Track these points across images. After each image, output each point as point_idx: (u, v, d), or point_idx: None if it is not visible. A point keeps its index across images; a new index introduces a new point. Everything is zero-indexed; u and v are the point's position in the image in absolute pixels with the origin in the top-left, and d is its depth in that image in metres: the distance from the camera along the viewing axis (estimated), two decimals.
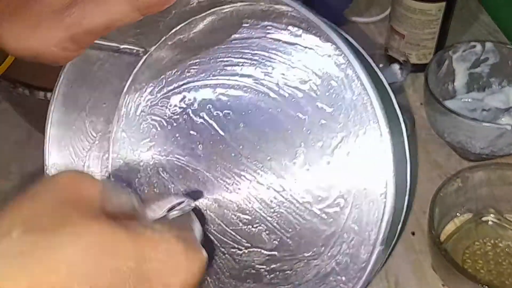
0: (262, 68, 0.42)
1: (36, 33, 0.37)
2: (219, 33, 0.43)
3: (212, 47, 0.44)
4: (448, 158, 0.63)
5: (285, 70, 0.41)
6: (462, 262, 0.53)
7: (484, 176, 0.54)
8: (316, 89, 0.40)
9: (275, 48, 0.41)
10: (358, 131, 0.38)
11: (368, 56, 0.42)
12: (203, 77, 0.44)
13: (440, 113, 0.58)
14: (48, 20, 0.37)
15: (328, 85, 0.39)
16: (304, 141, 0.40)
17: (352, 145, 0.39)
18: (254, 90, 0.42)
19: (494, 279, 0.52)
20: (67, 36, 0.37)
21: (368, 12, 0.83)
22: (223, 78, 0.43)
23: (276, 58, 0.41)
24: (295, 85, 0.41)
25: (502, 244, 0.54)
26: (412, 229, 0.56)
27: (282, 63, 0.41)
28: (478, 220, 0.55)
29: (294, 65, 0.41)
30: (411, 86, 0.71)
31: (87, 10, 0.37)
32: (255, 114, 0.42)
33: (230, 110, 0.43)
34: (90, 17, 0.37)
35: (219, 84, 0.43)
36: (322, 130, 0.40)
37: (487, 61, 0.65)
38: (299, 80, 0.40)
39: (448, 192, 0.53)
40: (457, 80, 0.66)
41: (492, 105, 0.64)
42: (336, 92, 0.39)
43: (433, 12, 0.66)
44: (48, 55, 0.38)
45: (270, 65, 0.41)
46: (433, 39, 0.69)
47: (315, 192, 0.40)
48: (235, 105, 0.43)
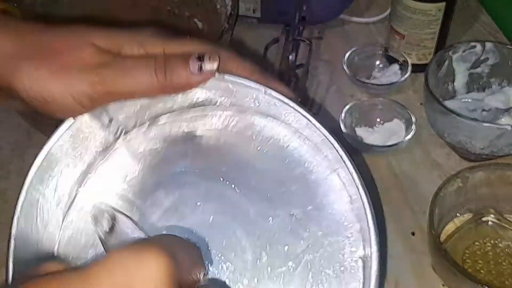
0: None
1: (58, 79, 0.37)
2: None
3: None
4: (448, 158, 0.63)
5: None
6: (462, 262, 0.53)
7: (484, 176, 0.55)
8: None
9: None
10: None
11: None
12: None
13: (440, 113, 0.58)
14: (75, 72, 0.38)
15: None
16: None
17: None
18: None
19: (494, 279, 0.52)
20: (88, 91, 0.38)
21: (368, 12, 0.83)
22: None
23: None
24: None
25: (502, 244, 0.54)
26: (412, 229, 0.56)
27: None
28: (478, 220, 0.55)
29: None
30: (411, 86, 0.71)
31: (115, 74, 0.38)
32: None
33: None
34: (116, 82, 0.38)
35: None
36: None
37: (487, 61, 0.65)
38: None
39: (448, 192, 0.53)
40: (457, 80, 0.66)
41: (492, 105, 0.64)
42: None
43: (433, 12, 0.66)
44: (61, 103, 0.38)
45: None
46: (433, 39, 0.69)
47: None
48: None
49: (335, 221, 0.41)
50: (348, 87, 0.71)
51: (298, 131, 0.42)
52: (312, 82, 0.72)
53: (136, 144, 0.44)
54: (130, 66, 0.38)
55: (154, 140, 0.44)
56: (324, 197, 0.41)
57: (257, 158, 0.43)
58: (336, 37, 0.79)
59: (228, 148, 0.43)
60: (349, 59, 0.71)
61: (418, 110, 0.67)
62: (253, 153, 0.43)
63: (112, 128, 0.43)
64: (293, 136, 0.42)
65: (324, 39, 0.78)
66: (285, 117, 0.42)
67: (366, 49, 0.73)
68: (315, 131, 0.41)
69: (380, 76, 0.72)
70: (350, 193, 0.40)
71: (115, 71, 0.38)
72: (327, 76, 0.73)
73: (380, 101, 0.66)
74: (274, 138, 0.43)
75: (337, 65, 0.74)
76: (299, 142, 0.42)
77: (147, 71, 0.38)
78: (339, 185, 0.41)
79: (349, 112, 0.65)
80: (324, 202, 0.41)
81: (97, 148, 0.43)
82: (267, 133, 0.43)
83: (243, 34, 0.78)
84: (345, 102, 0.67)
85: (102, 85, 0.37)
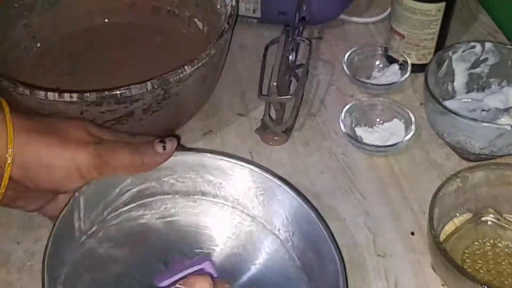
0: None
1: (66, 149, 0.45)
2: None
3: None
4: (447, 158, 0.63)
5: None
6: (462, 262, 0.53)
7: (483, 176, 0.55)
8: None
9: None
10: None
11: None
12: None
13: (440, 113, 0.58)
14: (79, 145, 0.46)
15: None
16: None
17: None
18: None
19: (493, 279, 0.52)
20: (89, 161, 0.45)
21: (368, 13, 0.83)
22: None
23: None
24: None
25: (502, 244, 0.54)
26: (411, 229, 0.56)
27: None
28: (477, 220, 0.55)
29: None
30: (411, 86, 0.71)
31: (107, 151, 0.46)
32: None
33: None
34: (108, 157, 0.46)
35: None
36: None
37: (486, 61, 0.65)
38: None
39: (447, 192, 0.53)
40: (457, 80, 0.66)
41: (492, 105, 0.64)
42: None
43: (433, 12, 0.66)
44: (65, 170, 0.45)
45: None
46: (433, 39, 0.69)
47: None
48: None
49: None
50: (348, 87, 0.71)
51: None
52: (312, 82, 0.72)
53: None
54: (116, 147, 0.47)
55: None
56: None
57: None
58: (336, 37, 0.79)
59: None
60: (349, 59, 0.71)
61: (417, 110, 0.67)
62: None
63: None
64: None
65: (324, 39, 0.78)
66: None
67: (366, 49, 0.73)
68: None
69: (379, 76, 0.72)
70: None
71: (106, 149, 0.46)
72: (327, 76, 0.73)
73: (380, 101, 0.66)
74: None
75: (337, 65, 0.74)
76: None
77: (129, 152, 0.47)
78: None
79: (349, 112, 0.65)
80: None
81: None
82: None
83: (243, 34, 0.79)
84: (345, 102, 0.67)
85: (99, 158, 0.45)
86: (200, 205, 0.54)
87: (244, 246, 0.53)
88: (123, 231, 0.51)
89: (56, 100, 0.52)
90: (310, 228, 0.49)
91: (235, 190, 0.53)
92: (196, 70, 0.56)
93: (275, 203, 0.52)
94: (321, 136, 0.66)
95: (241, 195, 0.53)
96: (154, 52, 0.71)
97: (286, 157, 0.64)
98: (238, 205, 0.53)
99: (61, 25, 0.73)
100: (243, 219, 0.53)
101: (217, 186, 0.53)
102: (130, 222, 0.51)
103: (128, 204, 0.51)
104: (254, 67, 0.73)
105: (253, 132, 0.66)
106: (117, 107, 0.54)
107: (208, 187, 0.53)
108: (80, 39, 0.73)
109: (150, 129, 0.60)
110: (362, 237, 0.56)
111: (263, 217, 0.53)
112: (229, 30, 0.61)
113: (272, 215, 0.52)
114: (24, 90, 0.53)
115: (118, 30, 0.74)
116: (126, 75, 0.66)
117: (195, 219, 0.53)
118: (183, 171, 0.52)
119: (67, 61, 0.70)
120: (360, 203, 0.59)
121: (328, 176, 0.62)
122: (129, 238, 0.51)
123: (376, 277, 0.53)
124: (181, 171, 0.52)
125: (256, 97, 0.63)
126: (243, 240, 0.53)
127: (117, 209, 0.51)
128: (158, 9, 0.75)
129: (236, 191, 0.53)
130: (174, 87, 0.55)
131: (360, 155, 0.63)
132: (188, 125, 0.66)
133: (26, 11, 0.69)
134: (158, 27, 0.74)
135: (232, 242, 0.53)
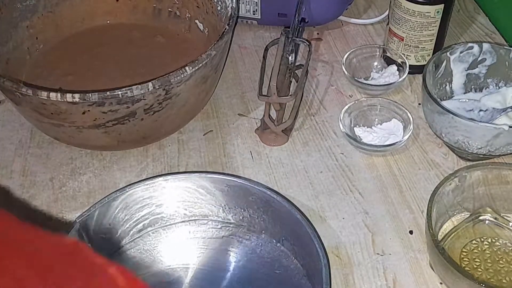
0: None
1: None
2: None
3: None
4: (445, 157, 0.64)
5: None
6: (460, 260, 0.53)
7: (481, 175, 0.55)
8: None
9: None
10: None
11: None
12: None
13: (438, 113, 0.59)
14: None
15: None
16: None
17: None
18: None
19: (491, 277, 0.52)
20: None
21: (367, 14, 0.84)
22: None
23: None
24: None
25: (499, 243, 0.55)
26: (410, 228, 0.57)
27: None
28: (475, 219, 0.56)
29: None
30: (409, 86, 0.72)
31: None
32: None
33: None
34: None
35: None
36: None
37: (484, 62, 0.66)
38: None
39: (445, 192, 0.54)
40: (455, 80, 0.67)
41: (489, 105, 0.65)
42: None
43: (431, 14, 0.67)
44: None
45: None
46: (431, 41, 0.69)
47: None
48: None
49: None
50: (347, 88, 0.72)
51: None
52: (312, 82, 0.73)
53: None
54: None
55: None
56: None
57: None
58: (335, 38, 0.79)
59: None
60: (347, 60, 0.72)
61: (416, 110, 0.68)
62: None
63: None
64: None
65: (323, 40, 0.79)
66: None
67: (365, 50, 0.74)
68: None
69: (378, 76, 0.72)
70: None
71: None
72: (326, 77, 0.74)
73: (379, 102, 0.67)
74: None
75: (336, 65, 0.75)
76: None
77: None
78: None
79: (347, 112, 0.65)
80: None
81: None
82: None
83: (243, 35, 0.79)
84: (344, 102, 0.68)
85: None
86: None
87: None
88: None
89: (58, 100, 0.52)
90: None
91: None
92: (197, 71, 0.56)
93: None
94: (320, 136, 0.66)
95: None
96: (155, 53, 0.72)
97: (285, 157, 0.64)
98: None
99: (63, 26, 0.73)
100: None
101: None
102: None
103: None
104: (254, 67, 0.73)
105: (253, 132, 0.67)
106: (119, 107, 0.54)
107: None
108: (82, 40, 0.74)
109: (151, 129, 0.60)
110: (361, 235, 0.56)
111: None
112: (230, 31, 0.61)
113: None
114: (27, 90, 0.53)
115: (120, 31, 0.75)
116: (127, 75, 0.66)
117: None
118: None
119: (69, 62, 0.71)
120: (359, 202, 0.59)
121: (327, 175, 0.62)
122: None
123: (374, 275, 0.53)
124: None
125: (256, 97, 0.63)
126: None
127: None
128: (159, 11, 0.75)
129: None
130: (175, 87, 0.56)
131: (359, 154, 0.64)
132: (189, 125, 0.67)
133: (28, 13, 0.70)
134: (160, 28, 0.75)
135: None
